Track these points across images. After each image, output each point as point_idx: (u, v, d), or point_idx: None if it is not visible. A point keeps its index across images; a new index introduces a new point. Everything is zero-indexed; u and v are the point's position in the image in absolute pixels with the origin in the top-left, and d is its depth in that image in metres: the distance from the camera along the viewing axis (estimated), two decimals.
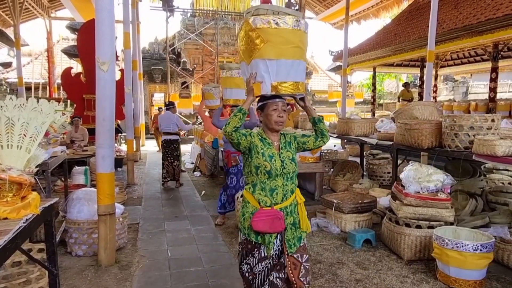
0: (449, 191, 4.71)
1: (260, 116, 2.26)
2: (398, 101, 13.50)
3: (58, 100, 12.25)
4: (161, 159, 7.54)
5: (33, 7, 13.81)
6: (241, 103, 4.19)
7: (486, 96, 9.98)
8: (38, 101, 2.24)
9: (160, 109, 15.09)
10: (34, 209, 1.81)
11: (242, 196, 2.31)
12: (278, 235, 2.15)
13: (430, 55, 7.30)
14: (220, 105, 5.19)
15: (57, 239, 3.96)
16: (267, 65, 2.16)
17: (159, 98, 24.14)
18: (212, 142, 7.31)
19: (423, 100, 8.75)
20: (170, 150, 7.40)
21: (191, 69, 18.43)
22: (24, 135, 1.85)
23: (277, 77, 2.17)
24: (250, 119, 4.90)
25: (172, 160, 7.40)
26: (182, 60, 18.57)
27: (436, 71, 13.57)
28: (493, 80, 8.95)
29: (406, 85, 13.69)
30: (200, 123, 12.04)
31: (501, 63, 11.00)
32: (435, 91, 13.55)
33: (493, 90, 9.06)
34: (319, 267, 3.64)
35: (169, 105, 7.75)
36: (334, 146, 11.92)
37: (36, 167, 2.15)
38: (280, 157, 2.17)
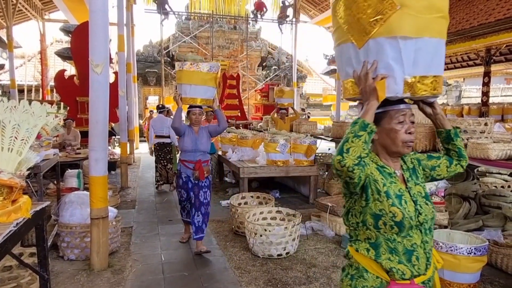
0: (443, 194, 4.74)
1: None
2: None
3: (51, 103, 12.14)
4: (154, 162, 7.50)
5: (26, 9, 13.72)
6: (208, 103, 3.80)
7: (479, 100, 10.06)
8: (30, 103, 2.22)
9: (151, 112, 15.05)
10: (25, 213, 1.79)
11: (347, 256, 1.49)
12: None
13: None
14: (180, 105, 4.14)
15: (49, 243, 3.92)
16: (400, 48, 1.30)
17: (153, 101, 24.06)
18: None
19: None
20: (163, 153, 7.37)
21: None
22: (15, 137, 1.82)
23: (414, 69, 1.34)
24: (220, 124, 4.25)
25: (166, 163, 7.38)
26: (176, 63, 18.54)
27: None
28: (486, 84, 9.05)
29: None
30: None
31: (493, 68, 11.11)
32: None
33: (485, 94, 9.16)
34: (314, 271, 3.62)
35: (162, 109, 7.78)
36: (329, 149, 11.94)
37: (28, 170, 2.12)
38: (410, 195, 1.40)
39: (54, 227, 4.20)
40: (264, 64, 20.59)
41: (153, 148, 7.44)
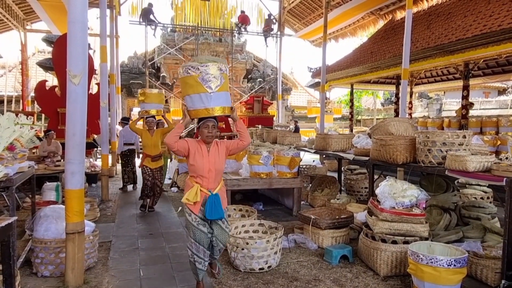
0: (424, 206, 4.77)
1: None
2: None
3: (31, 114, 11.90)
4: (122, 166, 8.79)
5: (7, 19, 13.50)
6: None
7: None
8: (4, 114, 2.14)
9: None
10: None
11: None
12: None
13: (404, 73, 7.50)
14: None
15: (21, 259, 3.78)
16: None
17: (137, 112, 23.82)
18: (206, 206, 3.18)
19: (399, 116, 8.93)
20: (131, 158, 8.71)
21: (170, 84, 18.33)
22: None
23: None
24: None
25: (132, 167, 8.75)
26: (161, 75, 18.46)
27: (411, 89, 13.96)
28: (465, 97, 9.26)
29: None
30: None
31: (472, 82, 11.43)
32: (410, 108, 13.91)
33: (464, 107, 9.35)
34: (296, 285, 3.57)
35: (126, 120, 9.55)
36: (313, 161, 11.99)
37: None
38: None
39: (28, 243, 4.05)
40: (249, 76, 20.68)
41: (120, 154, 8.81)
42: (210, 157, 3.16)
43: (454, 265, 3.09)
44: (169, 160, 9.63)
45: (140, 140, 6.93)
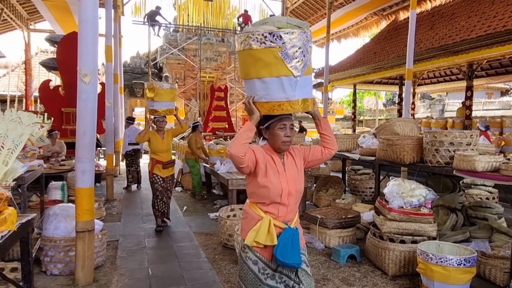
0: (429, 206, 4.78)
1: None
2: None
3: (35, 113, 11.92)
4: (126, 166, 8.84)
5: (11, 18, 13.54)
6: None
7: None
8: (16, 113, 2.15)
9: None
10: (11, 225, 1.71)
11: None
12: None
13: (408, 73, 7.51)
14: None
15: None
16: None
17: (139, 112, 23.89)
18: None
19: (403, 116, 8.94)
20: (135, 158, 8.77)
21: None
22: (2, 147, 1.76)
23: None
24: None
25: (137, 167, 8.80)
26: (164, 75, 18.48)
27: (413, 89, 13.94)
28: (468, 98, 9.26)
29: None
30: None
31: (476, 82, 11.42)
32: (413, 109, 13.91)
33: (468, 108, 9.36)
34: None
35: (131, 120, 9.68)
36: None
37: (13, 181, 2.05)
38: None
39: (37, 241, 4.06)
40: None
41: (125, 154, 8.79)
42: (287, 173, 2.02)
43: (464, 265, 3.10)
44: (203, 165, 7.93)
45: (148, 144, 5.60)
